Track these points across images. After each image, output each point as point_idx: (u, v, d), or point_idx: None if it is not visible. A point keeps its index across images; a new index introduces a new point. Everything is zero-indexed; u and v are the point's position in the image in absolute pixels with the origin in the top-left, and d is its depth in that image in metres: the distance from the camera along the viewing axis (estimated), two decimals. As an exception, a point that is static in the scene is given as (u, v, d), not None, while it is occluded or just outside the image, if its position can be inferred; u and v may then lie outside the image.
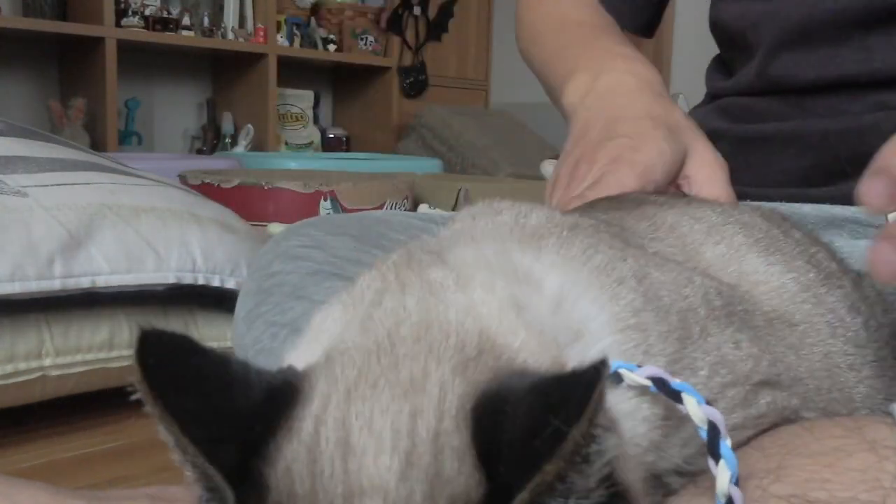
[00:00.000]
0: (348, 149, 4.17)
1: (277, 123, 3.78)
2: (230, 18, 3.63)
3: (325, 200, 2.21)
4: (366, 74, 4.16)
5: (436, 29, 4.30)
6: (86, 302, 1.38)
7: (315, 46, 3.94)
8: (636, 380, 0.36)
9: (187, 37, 3.44)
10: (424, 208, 2.45)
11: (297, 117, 3.99)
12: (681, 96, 3.62)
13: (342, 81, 4.31)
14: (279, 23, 3.77)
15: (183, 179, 2.24)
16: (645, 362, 0.38)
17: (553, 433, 0.28)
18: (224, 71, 3.79)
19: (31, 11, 3.10)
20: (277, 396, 0.33)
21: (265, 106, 3.63)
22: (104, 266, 1.38)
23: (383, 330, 0.36)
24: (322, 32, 3.98)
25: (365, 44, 4.07)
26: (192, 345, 0.33)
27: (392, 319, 0.36)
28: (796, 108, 0.72)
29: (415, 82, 4.21)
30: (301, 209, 2.15)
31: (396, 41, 4.16)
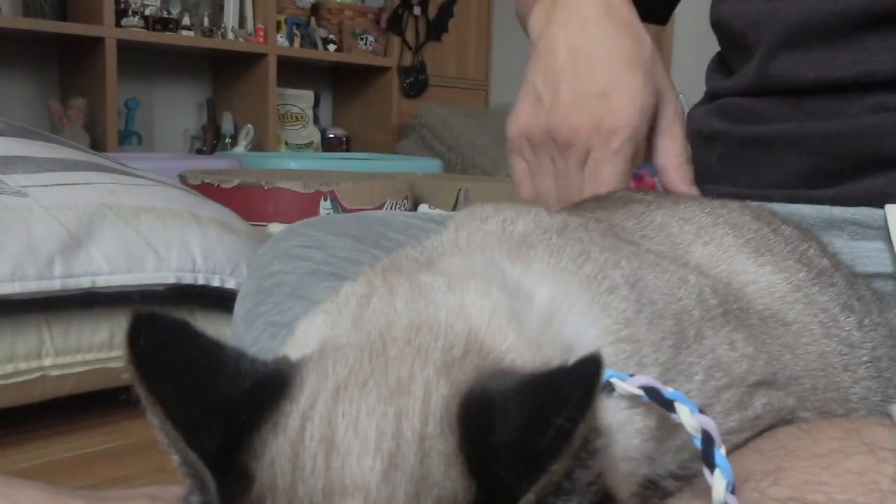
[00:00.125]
0: (348, 149, 4.17)
1: (277, 123, 3.78)
2: (230, 18, 3.63)
3: (325, 200, 2.21)
4: (366, 74, 4.16)
5: (436, 29, 4.30)
6: (86, 302, 1.38)
7: (315, 46, 3.94)
8: (628, 389, 0.36)
9: (187, 37, 3.44)
10: (424, 208, 2.45)
11: (297, 117, 3.98)
12: (681, 96, 3.61)
13: (342, 81, 4.31)
14: (279, 23, 3.77)
15: (183, 179, 2.24)
16: (638, 373, 0.38)
17: (559, 431, 0.28)
18: (224, 71, 3.79)
19: (31, 11, 3.10)
20: (266, 387, 0.33)
21: (265, 106, 3.63)
22: (104, 266, 1.38)
23: (375, 330, 0.36)
24: (322, 32, 3.98)
25: (365, 44, 4.07)
26: (187, 329, 0.33)
27: (383, 320, 0.36)
28: (796, 110, 0.72)
29: (415, 82, 4.21)
30: (301, 209, 2.15)
31: (396, 41, 4.16)
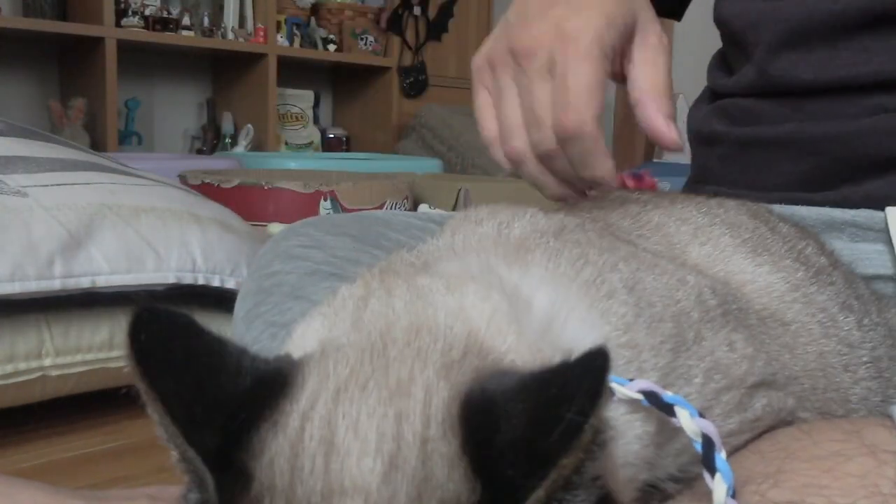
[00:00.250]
0: (348, 149, 4.17)
1: (277, 123, 3.77)
2: (230, 18, 3.63)
3: (325, 200, 2.21)
4: (366, 74, 4.16)
5: (436, 29, 4.30)
6: (86, 302, 1.38)
7: (315, 46, 3.94)
8: (627, 393, 0.36)
9: (187, 37, 3.44)
10: (424, 208, 2.45)
11: (297, 117, 3.98)
12: (681, 96, 3.61)
13: (342, 81, 4.31)
14: (279, 23, 3.77)
15: (183, 179, 2.23)
16: (638, 378, 0.38)
17: (569, 426, 0.28)
18: (224, 71, 3.79)
19: (31, 11, 3.09)
20: (267, 385, 0.33)
21: (265, 106, 3.63)
22: (104, 266, 1.38)
23: (375, 330, 0.35)
24: (322, 32, 3.98)
25: (365, 44, 4.07)
26: (189, 325, 0.33)
27: (383, 321, 0.36)
28: (795, 111, 0.72)
29: (415, 82, 4.21)
30: (301, 209, 2.15)
31: (396, 41, 4.15)
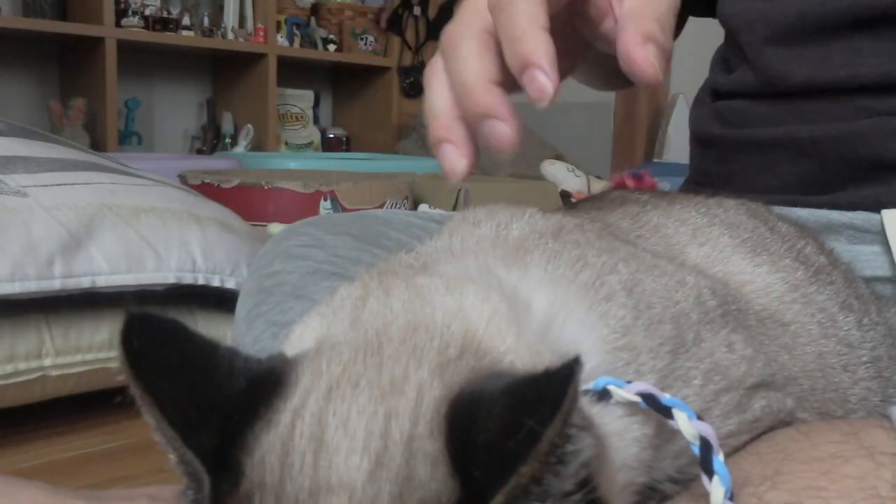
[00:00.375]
0: (348, 149, 4.17)
1: (277, 123, 3.77)
2: (230, 18, 3.63)
3: (325, 200, 2.21)
4: (366, 74, 4.16)
5: (436, 29, 4.29)
6: (86, 302, 1.38)
7: (315, 46, 3.94)
8: (625, 396, 0.36)
9: (187, 37, 3.43)
10: (424, 208, 2.45)
11: (297, 117, 3.98)
12: (681, 96, 3.61)
13: (342, 81, 4.31)
14: (279, 23, 3.77)
15: (183, 179, 2.23)
16: (636, 381, 0.38)
17: (528, 434, 0.27)
18: (224, 71, 3.79)
19: (31, 11, 3.09)
20: (261, 385, 0.33)
21: (265, 106, 3.63)
22: (104, 266, 1.38)
23: (372, 329, 0.36)
24: (322, 32, 3.98)
25: (365, 44, 4.07)
26: (181, 329, 0.34)
27: (380, 320, 0.36)
28: (788, 113, 0.72)
29: (415, 82, 4.20)
30: (301, 209, 2.14)
31: (396, 41, 4.15)
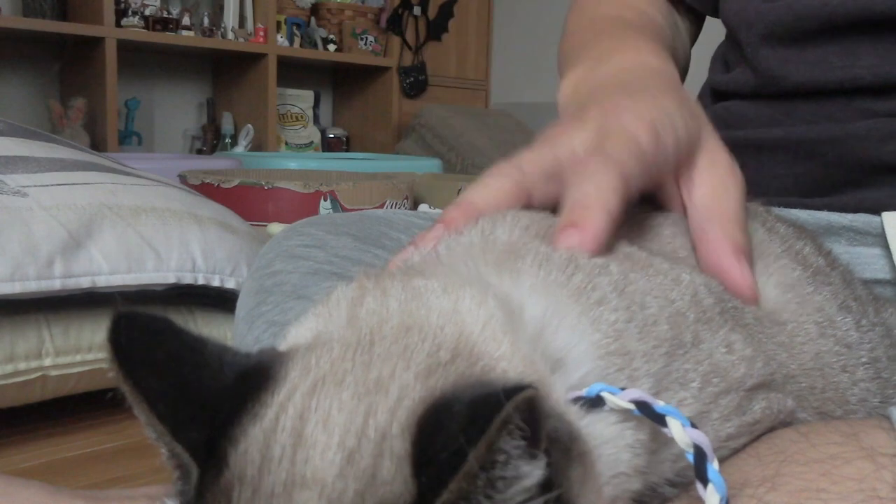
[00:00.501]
0: (348, 149, 4.17)
1: (277, 123, 3.78)
2: (230, 18, 3.63)
3: (325, 200, 2.21)
4: (366, 74, 4.16)
5: (436, 29, 4.30)
6: (86, 302, 1.38)
7: (315, 46, 3.94)
8: (618, 403, 0.35)
9: (187, 37, 3.44)
10: (424, 208, 2.45)
11: (297, 117, 3.98)
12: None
13: (342, 81, 4.31)
14: (279, 23, 3.77)
15: (183, 179, 2.23)
16: (629, 386, 0.37)
17: (456, 451, 0.28)
18: (224, 71, 3.79)
19: (31, 11, 3.10)
20: (250, 379, 0.34)
21: (265, 106, 3.63)
22: (104, 266, 1.38)
23: (367, 327, 0.36)
24: (322, 32, 3.98)
25: (365, 44, 4.07)
26: (168, 325, 0.34)
27: (375, 319, 0.36)
28: (786, 114, 0.72)
29: (415, 82, 4.21)
30: (301, 209, 2.15)
31: (396, 41, 4.15)
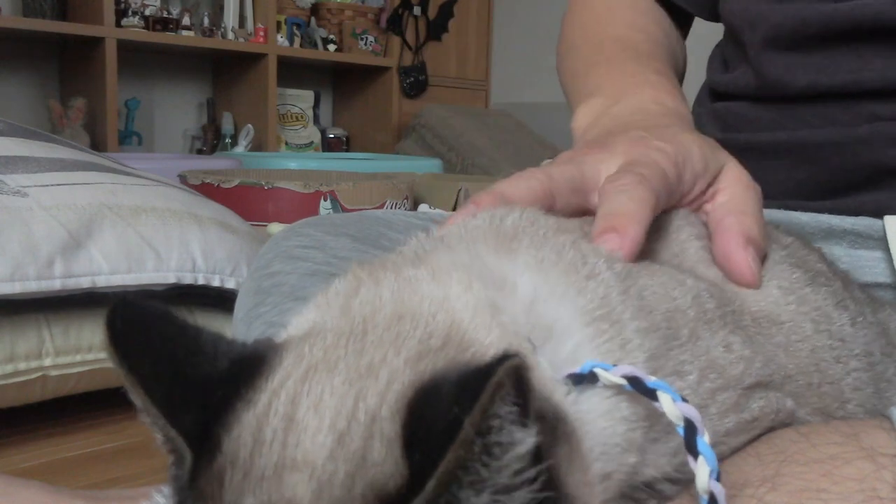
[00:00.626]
0: (348, 149, 4.17)
1: (277, 123, 3.78)
2: (230, 18, 3.63)
3: (325, 200, 2.21)
4: (366, 74, 4.16)
5: (436, 29, 4.30)
6: (86, 302, 1.38)
7: (315, 46, 3.94)
8: (611, 379, 0.36)
9: (187, 37, 3.44)
10: (424, 208, 2.45)
11: (297, 117, 3.99)
12: (681, 96, 3.61)
13: (342, 81, 4.31)
14: (279, 23, 3.77)
15: (183, 179, 2.23)
16: (622, 356, 0.38)
17: (452, 420, 0.29)
18: (224, 71, 3.79)
19: (31, 11, 3.10)
20: (245, 366, 0.35)
21: (265, 106, 3.63)
22: (104, 266, 1.38)
23: (360, 316, 0.37)
24: (322, 32, 3.98)
25: (365, 44, 4.07)
26: (166, 313, 0.35)
27: (368, 308, 0.37)
28: (789, 117, 0.72)
29: (415, 82, 4.21)
30: (301, 209, 2.15)
31: (396, 41, 4.16)
